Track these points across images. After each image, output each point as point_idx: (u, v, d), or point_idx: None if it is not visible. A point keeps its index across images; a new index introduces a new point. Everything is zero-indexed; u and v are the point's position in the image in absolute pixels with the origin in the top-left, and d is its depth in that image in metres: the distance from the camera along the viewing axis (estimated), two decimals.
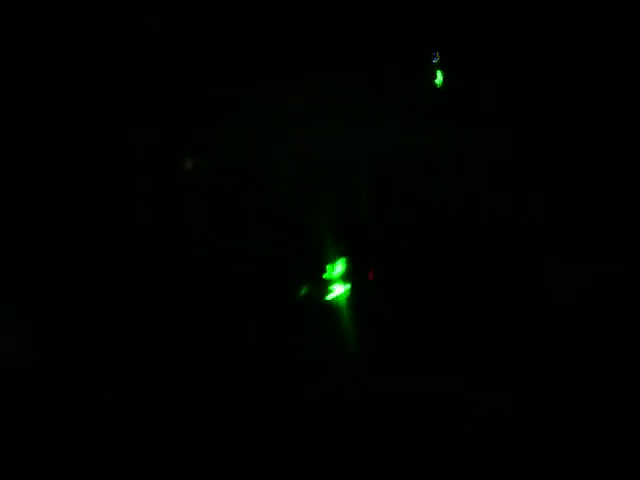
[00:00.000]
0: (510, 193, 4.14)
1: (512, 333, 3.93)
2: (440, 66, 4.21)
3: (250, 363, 3.94)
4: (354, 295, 4.10)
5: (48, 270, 4.12)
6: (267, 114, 4.31)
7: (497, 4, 4.06)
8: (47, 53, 4.15)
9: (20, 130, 4.15)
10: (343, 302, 4.09)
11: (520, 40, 4.18)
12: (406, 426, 3.51)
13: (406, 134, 4.24)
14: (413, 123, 4.25)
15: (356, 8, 4.02)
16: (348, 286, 4.11)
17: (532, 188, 4.13)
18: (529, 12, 4.09)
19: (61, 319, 4.07)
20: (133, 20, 4.11)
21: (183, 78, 4.31)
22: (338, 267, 4.12)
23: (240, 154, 4.31)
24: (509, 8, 4.07)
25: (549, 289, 4.02)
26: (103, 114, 4.25)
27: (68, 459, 3.44)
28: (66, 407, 3.70)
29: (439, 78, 4.22)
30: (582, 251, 4.04)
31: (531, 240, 4.10)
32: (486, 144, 4.19)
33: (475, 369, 3.79)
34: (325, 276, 4.11)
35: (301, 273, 4.14)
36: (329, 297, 4.10)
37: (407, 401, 3.62)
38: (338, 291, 4.10)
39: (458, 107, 4.23)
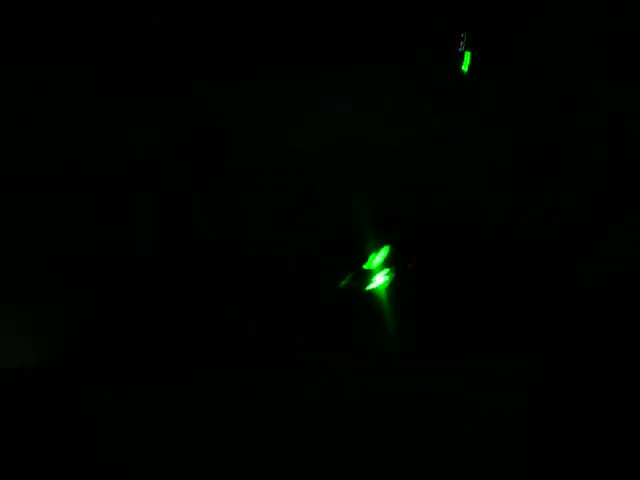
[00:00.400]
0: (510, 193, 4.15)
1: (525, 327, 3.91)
2: (439, 66, 4.21)
3: (250, 363, 3.94)
4: (395, 286, 4.05)
5: (47, 270, 4.12)
6: (271, 111, 4.30)
7: (497, 4, 4.07)
8: (47, 53, 4.15)
9: (20, 130, 4.15)
10: (383, 293, 4.05)
11: (520, 40, 4.18)
12: (407, 426, 3.51)
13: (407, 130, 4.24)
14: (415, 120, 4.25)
15: (356, 8, 4.03)
16: (388, 277, 4.06)
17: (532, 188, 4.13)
18: (529, 12, 4.10)
19: (60, 319, 4.07)
20: (133, 20, 4.11)
21: (183, 78, 4.31)
22: (378, 258, 4.07)
23: (247, 152, 4.31)
24: (509, 8, 4.08)
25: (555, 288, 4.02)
26: (103, 114, 4.25)
27: (71, 459, 3.45)
28: (65, 408, 3.70)
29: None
30: (585, 251, 4.04)
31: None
32: (486, 144, 4.19)
33: (476, 368, 3.79)
34: (365, 267, 4.07)
35: (338, 265, 4.10)
36: (369, 288, 4.06)
37: (407, 401, 3.62)
38: (378, 282, 4.06)
39: (457, 107, 4.23)
